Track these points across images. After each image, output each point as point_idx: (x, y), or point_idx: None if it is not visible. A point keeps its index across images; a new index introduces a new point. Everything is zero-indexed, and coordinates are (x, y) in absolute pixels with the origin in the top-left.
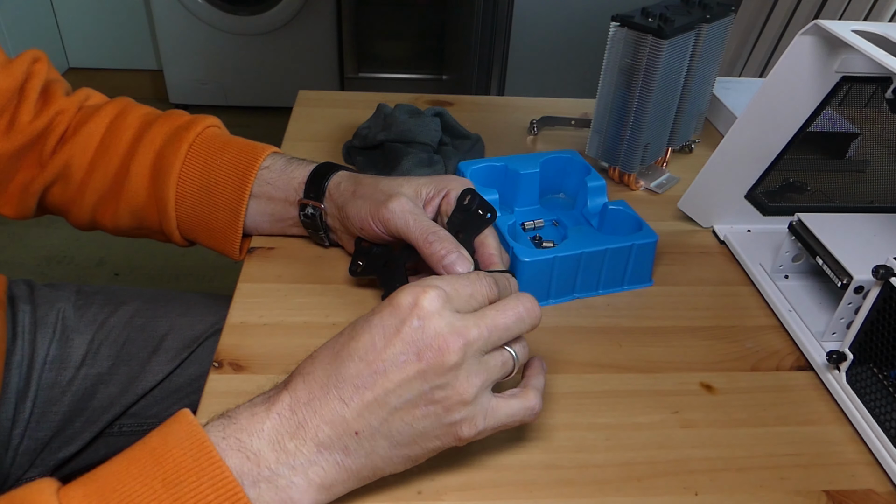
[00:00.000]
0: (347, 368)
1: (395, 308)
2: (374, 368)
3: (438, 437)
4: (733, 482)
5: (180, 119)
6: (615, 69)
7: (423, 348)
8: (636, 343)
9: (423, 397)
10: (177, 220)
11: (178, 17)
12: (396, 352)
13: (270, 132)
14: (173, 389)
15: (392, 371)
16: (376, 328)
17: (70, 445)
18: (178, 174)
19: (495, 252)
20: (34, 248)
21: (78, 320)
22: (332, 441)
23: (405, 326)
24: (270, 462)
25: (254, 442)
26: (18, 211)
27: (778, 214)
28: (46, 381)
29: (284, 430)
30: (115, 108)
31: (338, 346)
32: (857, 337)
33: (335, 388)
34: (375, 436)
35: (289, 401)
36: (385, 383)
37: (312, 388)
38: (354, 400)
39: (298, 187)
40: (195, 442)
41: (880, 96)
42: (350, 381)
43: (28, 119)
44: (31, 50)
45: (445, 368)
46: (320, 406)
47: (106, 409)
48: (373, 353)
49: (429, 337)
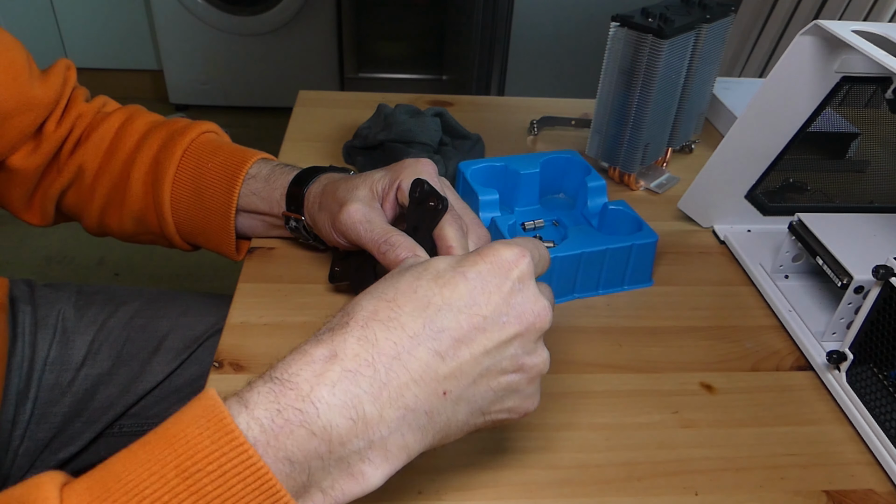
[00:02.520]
0: (445, 318)
1: (496, 265)
2: (475, 323)
3: (511, 409)
4: (733, 482)
5: (177, 125)
6: (615, 69)
7: (524, 312)
8: (636, 343)
9: (513, 362)
10: (175, 224)
11: (178, 17)
12: (499, 311)
13: (270, 132)
14: (174, 389)
15: (492, 329)
16: (475, 281)
17: (70, 446)
18: (173, 179)
19: (455, 244)
20: (34, 248)
21: (78, 321)
22: (419, 403)
23: (508, 285)
24: (343, 437)
25: (321, 412)
26: (42, 218)
27: (778, 214)
28: (47, 382)
29: (363, 391)
30: (125, 114)
31: (422, 289)
32: (857, 337)
33: (431, 339)
34: (461, 399)
35: (368, 354)
36: (485, 341)
37: (401, 338)
38: (450, 355)
39: (280, 199)
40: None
41: (880, 96)
42: (448, 333)
43: (53, 128)
44: (61, 60)
45: (539, 335)
46: (410, 360)
47: (106, 410)
48: (474, 307)
49: (529, 301)
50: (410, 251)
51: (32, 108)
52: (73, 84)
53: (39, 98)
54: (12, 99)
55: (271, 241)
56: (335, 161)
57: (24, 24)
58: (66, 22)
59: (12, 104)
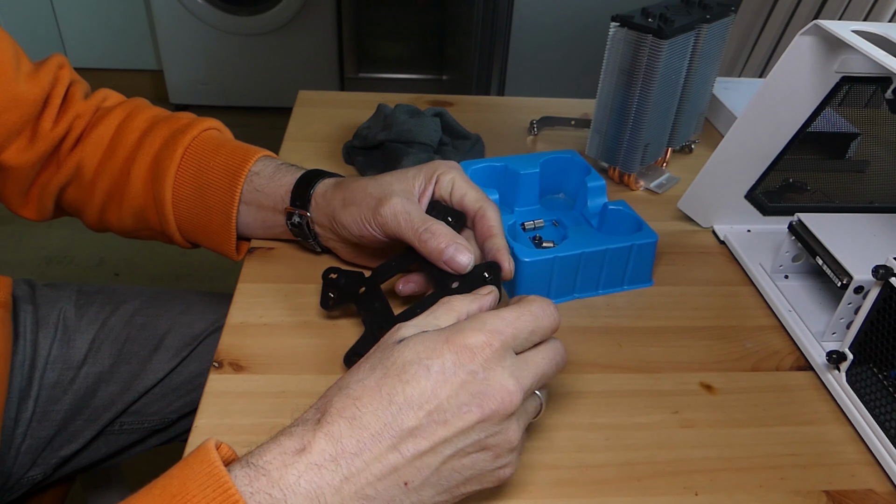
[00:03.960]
0: (406, 418)
1: (459, 355)
2: (434, 418)
3: (481, 481)
4: (733, 482)
5: (179, 122)
6: (615, 69)
7: (487, 399)
8: (636, 343)
9: (476, 444)
10: (176, 222)
11: (178, 17)
12: (460, 402)
13: (270, 132)
14: (174, 387)
15: (452, 420)
16: (437, 374)
17: (71, 444)
18: (174, 177)
19: (495, 224)
20: (34, 248)
21: (79, 320)
22: (379, 493)
23: (469, 376)
24: None
25: (288, 498)
26: (39, 213)
27: (778, 214)
28: (48, 381)
29: (326, 483)
30: (125, 111)
31: (387, 387)
32: (857, 337)
33: (391, 437)
34: (424, 485)
35: (332, 450)
36: (443, 432)
37: (362, 436)
38: (409, 449)
39: (285, 195)
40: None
41: (880, 96)
42: (407, 431)
43: (49, 126)
44: (54, 56)
45: (504, 417)
46: (371, 458)
47: (107, 408)
48: (433, 402)
49: (493, 389)
50: (451, 238)
51: (19, 105)
52: (67, 82)
53: (26, 95)
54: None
55: (271, 241)
56: (335, 161)
57: (23, 23)
58: (66, 22)
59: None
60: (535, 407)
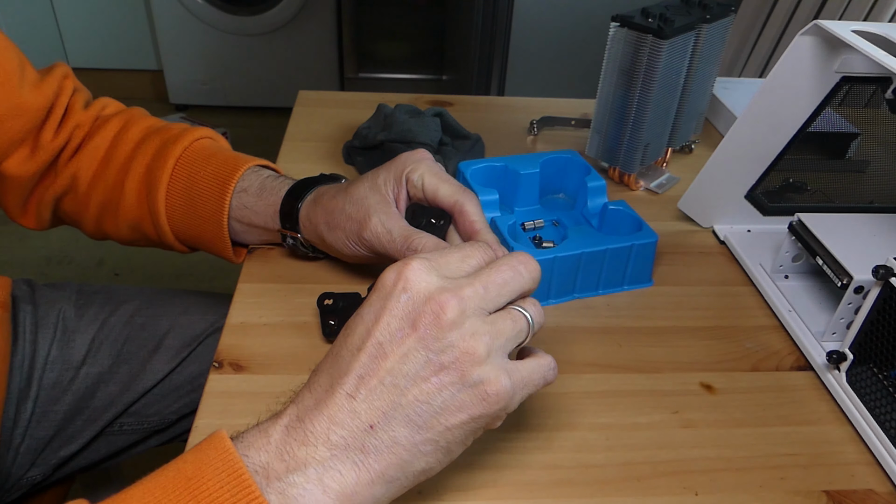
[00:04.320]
0: (347, 363)
1: (380, 289)
2: (372, 353)
3: (462, 407)
4: (733, 482)
5: (170, 132)
6: (615, 69)
7: (417, 316)
8: (636, 343)
9: (429, 366)
10: (172, 232)
11: (178, 17)
12: (392, 329)
13: (270, 132)
14: (174, 388)
15: (390, 348)
16: (367, 315)
17: (71, 444)
18: (167, 188)
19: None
20: (34, 248)
21: (78, 320)
22: (347, 441)
23: (393, 302)
24: (280, 472)
25: (260, 456)
26: (38, 222)
27: (778, 214)
28: (48, 381)
29: (292, 438)
30: (122, 121)
31: (335, 347)
32: (857, 337)
33: (339, 385)
34: (392, 423)
35: (295, 410)
36: (386, 363)
37: (317, 392)
38: (360, 391)
39: (274, 215)
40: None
41: (880, 96)
42: (352, 374)
43: (50, 137)
44: (59, 65)
45: (445, 328)
46: (327, 407)
47: (107, 408)
48: (369, 340)
49: (419, 303)
50: (434, 246)
51: (22, 114)
52: (70, 92)
53: (30, 104)
54: (0, 104)
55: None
56: (335, 161)
57: (23, 24)
58: (66, 22)
59: (1, 110)
60: (510, 322)
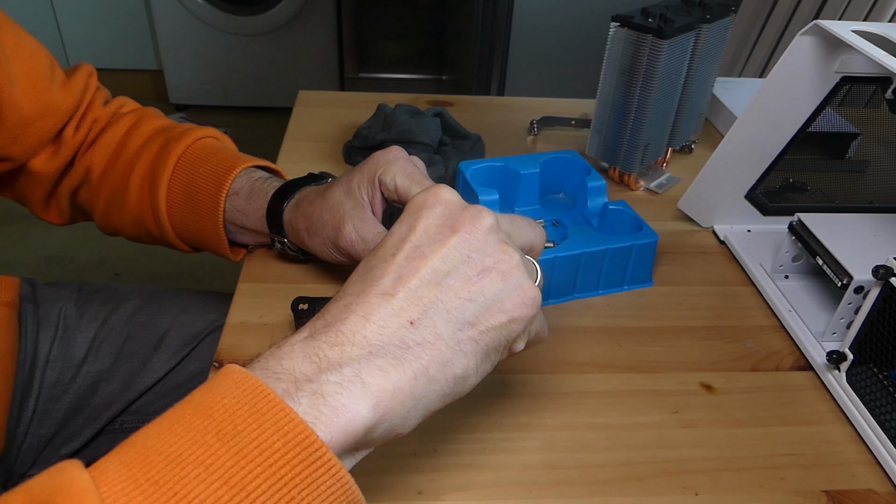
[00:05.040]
0: (381, 268)
1: (411, 208)
2: (409, 255)
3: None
4: (733, 482)
5: (175, 131)
6: (615, 69)
7: (456, 221)
8: (636, 343)
9: (471, 264)
10: (173, 229)
11: (178, 17)
12: (430, 233)
13: (270, 132)
14: (174, 386)
15: (429, 249)
16: (398, 229)
17: (72, 442)
18: (167, 186)
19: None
20: (34, 248)
21: (79, 319)
22: (385, 338)
23: (427, 212)
24: (310, 374)
25: (283, 363)
26: (60, 217)
27: (778, 214)
28: (49, 380)
29: (322, 341)
30: (135, 118)
31: (364, 262)
32: (857, 337)
33: (373, 285)
34: (434, 317)
35: (322, 320)
36: (426, 262)
37: (347, 297)
38: (398, 289)
39: (263, 219)
40: (248, 387)
41: (880, 96)
42: (388, 276)
43: (71, 133)
44: (83, 65)
45: (484, 230)
46: (360, 307)
47: (107, 407)
48: (404, 244)
49: (457, 210)
50: None
51: (53, 114)
52: (94, 90)
53: (59, 104)
54: (33, 105)
55: None
56: (335, 161)
57: (24, 24)
58: (66, 22)
59: (33, 110)
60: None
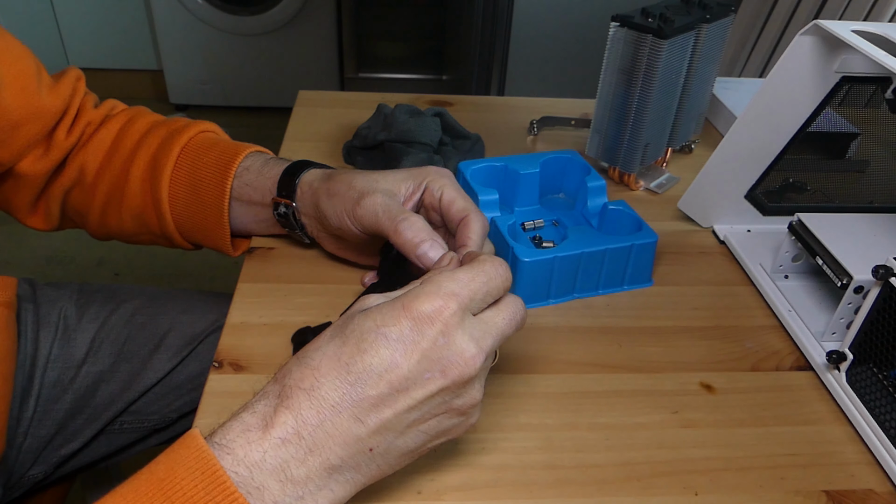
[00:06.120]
0: (366, 388)
1: (417, 321)
2: (396, 387)
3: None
4: (733, 482)
5: (176, 124)
6: (615, 69)
7: (448, 365)
8: (636, 343)
9: (441, 407)
10: (174, 221)
11: (178, 17)
12: (421, 369)
13: (270, 132)
14: (174, 386)
15: (415, 388)
16: (396, 343)
17: (72, 442)
18: (170, 176)
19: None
20: (34, 248)
21: (80, 319)
22: (344, 461)
23: (428, 342)
24: (276, 495)
25: (255, 475)
26: (47, 221)
27: (778, 214)
28: (49, 380)
29: (291, 456)
30: (128, 115)
31: (345, 356)
32: (857, 337)
33: (351, 407)
34: (390, 449)
35: (293, 423)
36: (407, 401)
37: (322, 408)
38: (372, 419)
39: (272, 187)
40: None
41: (880, 96)
42: (368, 401)
43: (63, 136)
44: (71, 69)
45: (467, 381)
46: (333, 428)
47: (107, 407)
48: (395, 371)
49: (454, 353)
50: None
51: (41, 117)
52: (83, 93)
53: (47, 107)
54: (21, 108)
55: (271, 241)
56: (335, 161)
57: (24, 24)
58: (66, 22)
59: (21, 113)
60: (491, 361)
